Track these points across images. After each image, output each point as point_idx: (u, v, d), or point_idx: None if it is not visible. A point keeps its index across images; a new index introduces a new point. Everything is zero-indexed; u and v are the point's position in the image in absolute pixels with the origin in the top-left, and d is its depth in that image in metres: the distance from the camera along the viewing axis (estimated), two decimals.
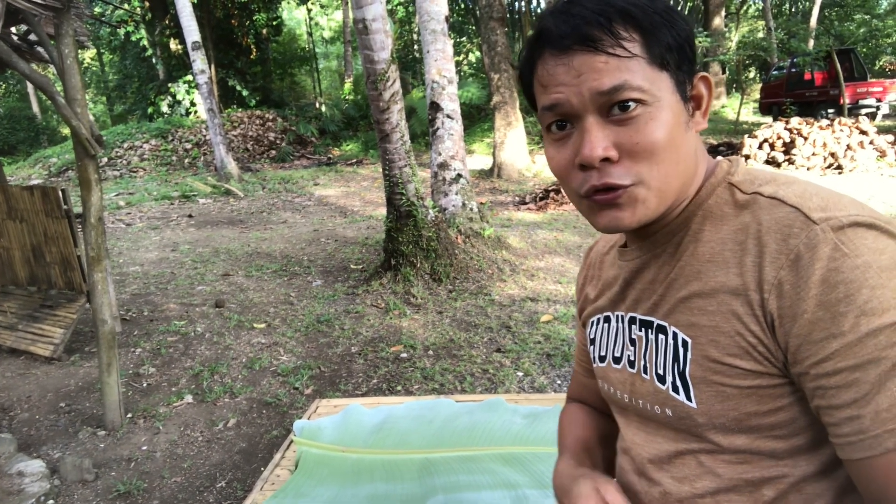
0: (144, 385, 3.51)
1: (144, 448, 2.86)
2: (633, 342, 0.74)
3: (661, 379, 0.68)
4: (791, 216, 0.58)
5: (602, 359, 0.81)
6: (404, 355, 3.72)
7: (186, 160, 14.72)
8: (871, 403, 0.52)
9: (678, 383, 0.66)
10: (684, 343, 0.65)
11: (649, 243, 0.72)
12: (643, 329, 0.72)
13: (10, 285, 4.39)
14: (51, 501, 2.48)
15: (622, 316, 0.77)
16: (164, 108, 16.83)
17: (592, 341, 0.84)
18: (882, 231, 0.55)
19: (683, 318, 0.65)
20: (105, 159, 14.03)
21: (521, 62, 0.69)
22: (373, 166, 13.70)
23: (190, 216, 9.18)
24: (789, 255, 0.56)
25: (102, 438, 2.96)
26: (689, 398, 0.65)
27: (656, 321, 0.70)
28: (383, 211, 5.70)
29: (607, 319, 0.80)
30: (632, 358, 0.74)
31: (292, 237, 7.43)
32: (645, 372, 0.71)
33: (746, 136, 10.30)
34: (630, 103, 0.60)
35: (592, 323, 0.84)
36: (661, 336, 0.69)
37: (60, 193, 3.81)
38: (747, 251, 0.60)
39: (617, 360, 0.77)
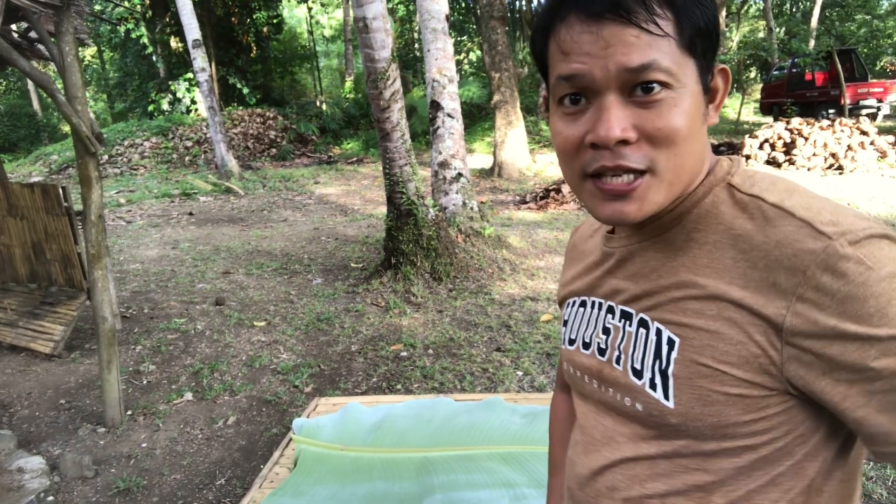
0: (144, 382, 3.52)
1: (144, 445, 2.87)
2: (606, 331, 0.72)
3: (638, 374, 0.66)
4: (802, 231, 0.55)
5: (571, 342, 0.79)
6: (404, 354, 3.73)
7: (187, 158, 14.72)
8: None
9: (657, 380, 0.64)
10: (670, 342, 0.63)
11: (639, 234, 0.69)
12: (622, 320, 0.70)
13: (10, 282, 4.39)
14: (50, 498, 2.49)
15: (600, 303, 0.75)
16: (165, 106, 16.83)
17: (565, 323, 0.82)
18: (892, 240, 0.54)
19: (673, 317, 0.63)
20: (105, 157, 14.04)
21: (536, 22, 0.64)
22: (373, 165, 13.71)
23: (190, 214, 9.18)
24: (806, 271, 0.54)
25: (102, 435, 2.96)
26: (666, 397, 0.63)
27: (637, 314, 0.67)
28: (384, 209, 5.70)
29: (583, 304, 0.78)
30: (602, 346, 0.72)
31: (293, 235, 7.44)
32: (617, 362, 0.69)
33: (747, 136, 10.30)
34: (655, 85, 0.57)
35: (568, 304, 0.82)
36: (641, 330, 0.66)
37: (61, 191, 3.81)
38: (754, 265, 0.58)
39: (586, 346, 0.75)
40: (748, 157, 9.84)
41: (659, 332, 0.64)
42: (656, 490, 0.65)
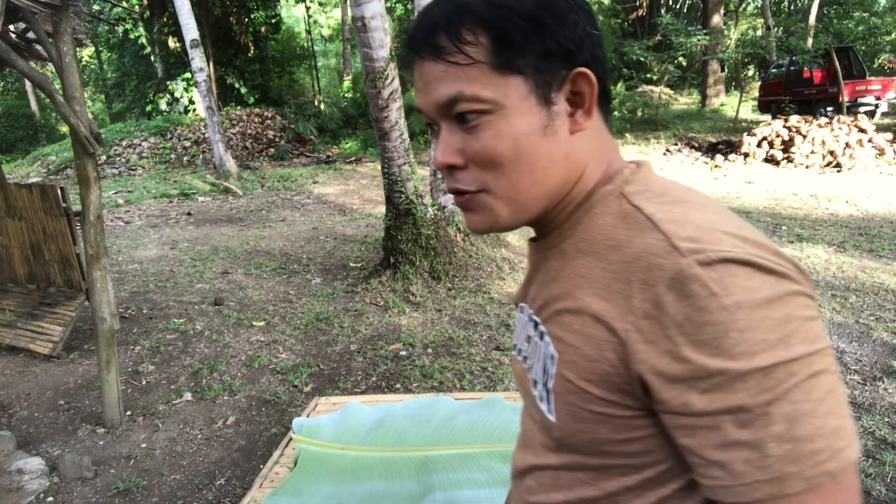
0: (144, 383, 3.51)
1: (143, 446, 2.87)
2: (528, 339, 0.72)
3: (535, 384, 0.68)
4: (658, 245, 0.53)
5: (514, 347, 0.80)
6: (403, 353, 3.73)
7: (185, 158, 14.70)
8: (741, 450, 0.48)
9: (543, 394, 0.65)
10: (552, 356, 0.63)
11: (544, 242, 0.70)
12: (534, 328, 0.70)
13: (9, 283, 4.39)
14: (50, 499, 2.48)
15: (524, 308, 0.76)
16: (163, 106, 16.80)
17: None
18: (758, 268, 0.50)
19: (556, 330, 0.63)
20: (104, 157, 14.01)
21: None
22: (372, 164, 13.70)
23: (189, 214, 9.17)
24: (654, 287, 0.52)
25: (102, 436, 2.96)
26: (549, 411, 0.64)
27: (539, 325, 0.68)
28: (382, 209, 5.70)
29: (521, 309, 0.78)
30: (525, 354, 0.73)
31: (291, 235, 7.43)
32: (530, 371, 0.70)
33: (745, 134, 10.32)
34: (468, 115, 0.59)
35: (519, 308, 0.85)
36: (540, 341, 0.67)
37: (59, 191, 3.81)
38: (618, 276, 0.56)
39: (519, 352, 0.76)
40: (746, 155, 9.86)
41: (547, 346, 0.64)
42: (557, 500, 0.67)
